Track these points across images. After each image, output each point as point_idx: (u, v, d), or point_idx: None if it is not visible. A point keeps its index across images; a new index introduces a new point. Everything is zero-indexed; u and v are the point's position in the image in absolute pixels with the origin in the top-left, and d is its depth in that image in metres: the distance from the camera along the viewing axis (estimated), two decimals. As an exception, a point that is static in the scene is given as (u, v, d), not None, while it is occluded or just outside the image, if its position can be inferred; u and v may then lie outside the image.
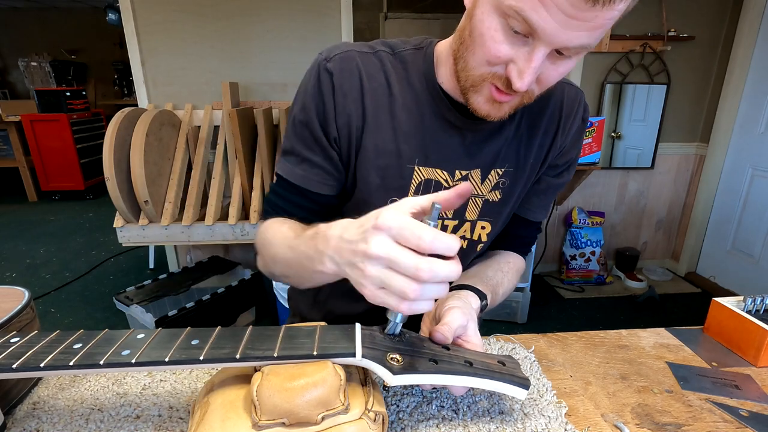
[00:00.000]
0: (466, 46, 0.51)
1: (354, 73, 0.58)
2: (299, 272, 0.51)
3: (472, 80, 0.51)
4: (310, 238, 0.47)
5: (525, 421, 0.47)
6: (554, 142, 0.65)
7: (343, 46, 0.60)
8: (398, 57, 0.60)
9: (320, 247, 0.44)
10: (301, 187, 0.62)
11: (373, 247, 0.37)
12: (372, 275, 0.37)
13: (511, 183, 0.65)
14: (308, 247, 0.47)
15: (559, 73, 0.49)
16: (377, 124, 0.59)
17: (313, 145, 0.60)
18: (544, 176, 0.69)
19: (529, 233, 0.75)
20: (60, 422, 0.46)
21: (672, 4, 2.36)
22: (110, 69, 5.75)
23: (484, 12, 0.46)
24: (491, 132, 0.61)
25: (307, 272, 0.48)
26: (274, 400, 0.35)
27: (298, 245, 0.49)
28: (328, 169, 0.62)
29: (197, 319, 1.89)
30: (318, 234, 0.45)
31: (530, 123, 0.63)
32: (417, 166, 0.61)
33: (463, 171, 0.62)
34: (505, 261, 0.72)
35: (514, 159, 0.64)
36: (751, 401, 0.52)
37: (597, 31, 0.42)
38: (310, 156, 0.61)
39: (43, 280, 2.70)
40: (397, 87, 0.59)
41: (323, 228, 0.45)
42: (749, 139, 2.44)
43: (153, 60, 2.21)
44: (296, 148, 0.62)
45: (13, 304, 0.49)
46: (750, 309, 0.63)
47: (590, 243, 2.66)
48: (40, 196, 4.36)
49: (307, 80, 0.60)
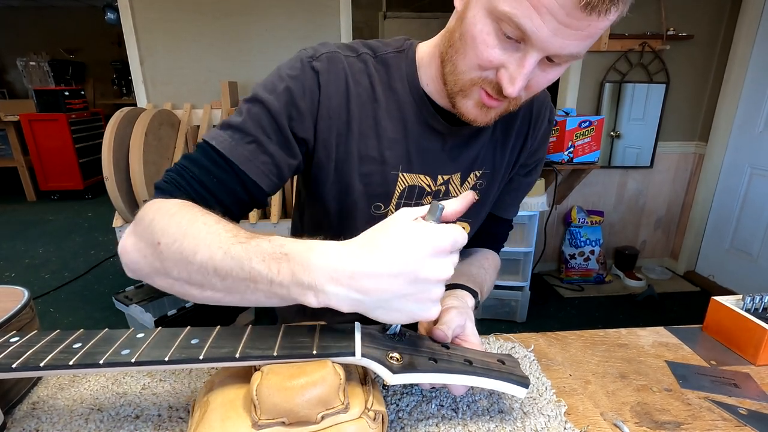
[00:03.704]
0: (455, 49, 0.50)
1: (341, 76, 0.56)
2: (234, 287, 0.38)
3: (461, 84, 0.50)
4: (273, 258, 0.36)
5: (524, 419, 0.47)
6: (525, 144, 0.66)
7: (328, 45, 0.58)
8: (380, 60, 0.59)
9: (300, 276, 0.35)
10: (239, 168, 0.52)
11: (441, 272, 0.36)
12: (438, 295, 0.37)
13: (488, 184, 0.66)
14: (268, 269, 0.36)
15: (548, 80, 0.49)
16: (361, 131, 0.57)
17: (271, 132, 0.53)
18: (516, 176, 0.71)
19: (502, 230, 0.77)
20: (60, 422, 0.46)
21: (671, 3, 2.36)
22: (109, 68, 5.75)
23: (477, 15, 0.45)
24: (470, 136, 0.62)
25: (249, 292, 0.38)
26: (274, 400, 0.35)
27: (246, 258, 0.37)
28: (278, 162, 0.54)
29: (197, 319, 1.89)
30: (289, 258, 0.36)
31: (505, 126, 0.64)
32: (401, 172, 0.60)
33: (445, 175, 0.62)
34: (485, 258, 0.73)
35: (491, 161, 0.65)
36: (750, 399, 0.52)
37: (588, 39, 0.43)
38: (264, 141, 0.53)
39: (42, 279, 2.70)
40: (381, 92, 0.58)
41: (296, 250, 0.36)
42: (748, 138, 2.44)
43: (152, 59, 2.21)
44: (248, 126, 0.53)
45: (12, 304, 0.49)
46: (749, 307, 0.63)
47: (589, 242, 2.67)
48: (39, 195, 4.35)
49: (287, 70, 0.55)
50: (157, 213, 0.44)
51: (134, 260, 0.44)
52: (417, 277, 0.35)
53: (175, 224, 0.42)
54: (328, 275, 0.35)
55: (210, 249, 0.39)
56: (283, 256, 0.36)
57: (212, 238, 0.39)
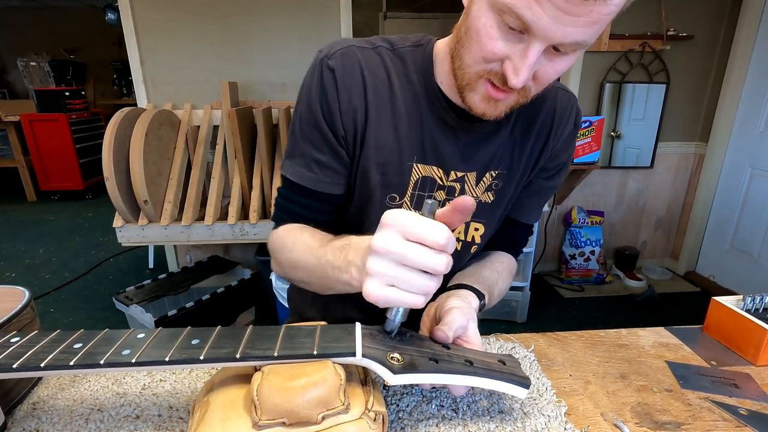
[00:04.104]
0: (462, 43, 0.51)
1: (356, 68, 0.58)
2: (322, 280, 0.52)
3: (468, 78, 0.51)
4: (339, 249, 0.48)
5: (525, 420, 0.47)
6: (546, 146, 0.65)
7: (343, 42, 0.59)
8: (397, 53, 0.60)
9: (350, 257, 0.45)
10: (312, 189, 0.61)
11: (424, 261, 0.38)
12: (377, 271, 0.39)
13: (504, 185, 0.65)
14: (336, 257, 0.48)
15: (556, 71, 0.48)
16: (379, 119, 0.59)
17: (321, 145, 0.60)
18: (536, 179, 0.69)
19: (521, 235, 0.76)
20: (60, 422, 0.46)
21: (671, 3, 2.36)
22: (109, 68, 5.75)
23: (480, 9, 0.46)
24: (487, 134, 0.61)
25: (330, 281, 0.49)
26: (275, 400, 0.35)
27: (323, 254, 0.50)
28: (337, 169, 0.61)
29: (197, 319, 1.89)
30: (350, 245, 0.47)
31: (524, 127, 0.63)
32: (416, 162, 0.61)
33: (459, 172, 0.62)
34: (499, 261, 0.72)
35: (508, 161, 0.64)
36: (751, 400, 0.52)
37: (593, 27, 0.42)
38: (319, 156, 0.60)
39: (42, 280, 2.70)
40: (397, 83, 0.59)
41: (355, 240, 0.46)
42: (748, 139, 2.44)
43: (152, 59, 2.21)
44: (304, 149, 0.61)
45: (13, 304, 0.49)
46: (749, 308, 0.63)
47: (590, 242, 2.66)
48: (40, 196, 4.36)
49: (309, 79, 0.59)
50: (274, 238, 0.64)
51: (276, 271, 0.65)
52: (400, 259, 0.39)
53: (284, 245, 0.60)
54: (361, 252, 0.43)
55: (303, 256, 0.55)
56: (346, 246, 0.47)
57: (304, 249, 0.56)
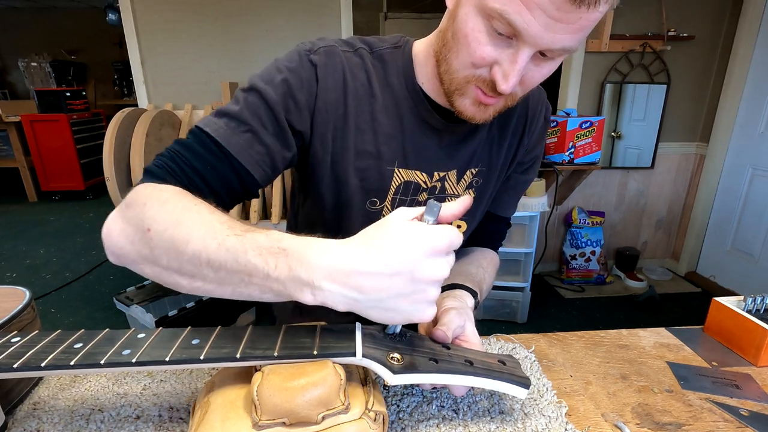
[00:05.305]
0: (449, 47, 0.50)
1: (338, 69, 0.56)
2: (226, 279, 0.38)
3: (457, 83, 0.51)
4: (270, 252, 0.36)
5: (525, 420, 0.47)
6: (521, 141, 0.66)
7: (325, 40, 0.58)
8: (376, 55, 0.59)
9: (297, 272, 0.35)
10: (234, 157, 0.51)
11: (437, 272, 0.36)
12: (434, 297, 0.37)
13: (484, 182, 0.66)
14: (265, 263, 0.36)
15: (542, 75, 0.48)
16: (358, 126, 0.58)
17: (267, 123, 0.53)
18: (513, 173, 0.71)
19: (500, 229, 0.77)
20: (60, 422, 0.46)
21: (672, 4, 2.35)
22: (110, 69, 5.76)
23: (468, 13, 0.45)
24: (467, 133, 0.62)
25: (243, 285, 0.37)
26: (275, 400, 0.35)
27: (242, 250, 0.37)
28: (273, 153, 0.54)
29: (197, 319, 1.89)
30: (288, 253, 0.36)
31: (501, 124, 0.64)
32: (397, 168, 0.60)
33: (441, 172, 0.62)
34: (483, 257, 0.73)
35: (487, 159, 0.65)
36: (752, 401, 0.52)
37: (581, 33, 0.42)
38: (260, 131, 0.52)
39: (43, 280, 2.70)
40: (378, 87, 0.58)
41: (294, 245, 0.36)
42: (749, 139, 2.44)
43: (153, 60, 2.21)
44: (245, 115, 0.52)
45: (13, 304, 0.49)
46: (750, 308, 0.63)
47: (590, 243, 2.66)
48: (40, 196, 4.36)
49: (285, 62, 0.55)
50: (149, 198, 0.42)
51: (119, 245, 0.42)
52: (413, 277, 0.35)
53: (167, 211, 0.40)
54: (325, 272, 0.35)
55: (203, 239, 0.38)
56: (281, 251, 0.36)
57: (206, 229, 0.38)
